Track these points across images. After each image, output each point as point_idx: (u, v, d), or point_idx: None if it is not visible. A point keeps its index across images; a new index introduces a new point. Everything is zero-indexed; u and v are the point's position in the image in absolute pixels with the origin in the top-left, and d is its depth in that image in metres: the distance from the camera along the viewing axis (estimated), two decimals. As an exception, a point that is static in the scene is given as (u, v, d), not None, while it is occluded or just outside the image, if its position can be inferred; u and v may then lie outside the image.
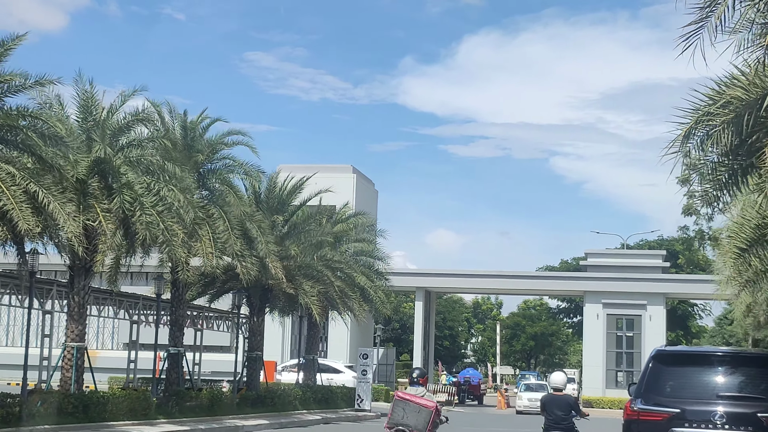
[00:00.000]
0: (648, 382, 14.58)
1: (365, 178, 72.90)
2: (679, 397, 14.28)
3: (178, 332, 34.01)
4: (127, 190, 27.47)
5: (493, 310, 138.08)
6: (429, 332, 72.13)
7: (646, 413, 14.27)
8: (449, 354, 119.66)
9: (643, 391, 14.56)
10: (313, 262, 38.47)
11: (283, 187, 39.31)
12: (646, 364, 15.14)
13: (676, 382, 14.60)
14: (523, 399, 58.28)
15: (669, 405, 14.15)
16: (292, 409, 39.31)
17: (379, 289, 44.49)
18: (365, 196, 69.39)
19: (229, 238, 32.19)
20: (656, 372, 14.67)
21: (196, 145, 33.57)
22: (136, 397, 29.47)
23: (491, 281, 69.46)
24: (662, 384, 14.56)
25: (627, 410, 14.60)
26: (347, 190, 63.67)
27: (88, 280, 28.84)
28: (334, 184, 48.96)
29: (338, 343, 64.31)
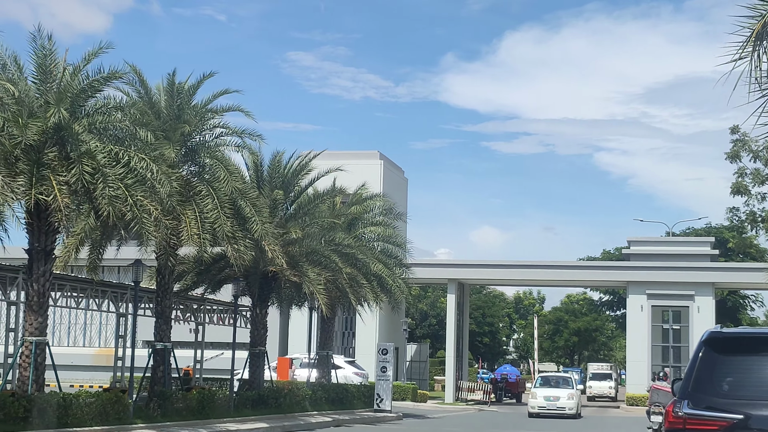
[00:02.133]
0: (698, 378, 10.53)
1: (393, 164, 68.93)
2: (741, 397, 10.23)
3: (165, 325, 30.26)
4: (87, 160, 23.82)
5: (536, 305, 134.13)
6: (463, 327, 67.93)
7: (695, 420, 10.21)
8: (489, 351, 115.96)
9: (691, 390, 10.52)
10: (321, 247, 34.55)
11: (288, 165, 35.44)
12: (694, 353, 11.07)
13: (738, 377, 10.50)
14: (538, 397, 45.47)
15: (728, 409, 10.11)
16: (300, 411, 35.49)
17: (398, 277, 40.44)
18: (393, 183, 65.42)
19: (218, 217, 28.42)
20: (709, 363, 10.61)
21: (183, 114, 29.79)
22: (108, 399, 25.75)
23: (528, 272, 65.01)
24: (718, 380, 10.48)
25: (669, 416, 10.52)
26: (374, 176, 59.57)
27: (49, 266, 25.17)
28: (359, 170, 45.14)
29: (367, 338, 60.29)
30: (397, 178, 68.89)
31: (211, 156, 29.56)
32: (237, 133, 30.35)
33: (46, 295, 25.09)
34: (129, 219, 24.22)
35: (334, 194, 37.45)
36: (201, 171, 29.90)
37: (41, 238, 24.89)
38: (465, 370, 68.46)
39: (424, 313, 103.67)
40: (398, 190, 65.94)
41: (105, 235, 28.11)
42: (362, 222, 40.81)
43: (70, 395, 24.66)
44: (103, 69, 25.16)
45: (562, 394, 45.17)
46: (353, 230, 39.93)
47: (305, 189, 36.05)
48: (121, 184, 24.20)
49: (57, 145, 24.35)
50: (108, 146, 24.56)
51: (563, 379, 48.56)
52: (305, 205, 35.44)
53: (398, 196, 62.48)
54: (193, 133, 29.91)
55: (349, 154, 63.65)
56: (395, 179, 67.52)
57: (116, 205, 23.64)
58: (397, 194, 62.54)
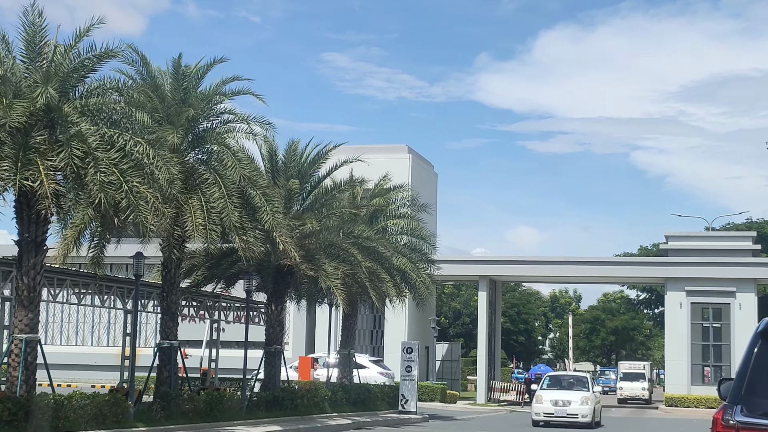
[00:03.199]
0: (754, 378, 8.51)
1: (422, 159, 66.95)
2: None
3: (171, 322, 28.48)
4: (77, 143, 22.02)
5: (572, 303, 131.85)
6: (495, 325, 65.87)
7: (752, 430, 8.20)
8: (525, 350, 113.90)
9: (744, 394, 8.50)
10: (339, 240, 32.61)
11: (304, 153, 33.54)
12: (748, 348, 9.04)
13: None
14: (544, 402, 36.27)
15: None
16: (319, 412, 33.61)
17: (423, 272, 38.44)
18: (422, 177, 63.43)
19: (225, 206, 26.58)
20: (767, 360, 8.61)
21: (188, 99, 28.01)
22: (105, 401, 23.96)
23: (563, 268, 62.81)
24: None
25: (718, 424, 8.49)
26: (402, 170, 57.62)
27: (40, 258, 23.42)
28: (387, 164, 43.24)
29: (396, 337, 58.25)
30: (426, 173, 66.92)
31: (218, 142, 27.72)
32: (244, 119, 28.46)
33: (37, 289, 23.35)
34: (124, 207, 22.41)
35: (354, 184, 35.45)
36: (208, 158, 28.11)
37: (31, 228, 23.17)
38: (498, 370, 66.40)
39: (457, 312, 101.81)
40: (427, 185, 64.00)
41: (105, 227, 26.27)
42: (385, 214, 38.88)
43: (62, 397, 22.87)
44: (95, 47, 23.33)
45: (574, 398, 36.14)
46: (375, 223, 38.03)
47: (323, 179, 34.16)
48: (115, 169, 22.42)
49: (47, 129, 22.64)
50: (101, 129, 22.78)
51: (577, 379, 39.02)
52: (323, 196, 33.54)
53: (427, 190, 60.56)
54: (198, 118, 28.13)
55: (376, 148, 61.79)
56: (424, 174, 65.57)
57: (109, 191, 21.85)
58: (427, 189, 60.62)
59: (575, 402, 36.01)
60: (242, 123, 28.76)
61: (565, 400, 36.08)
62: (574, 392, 36.79)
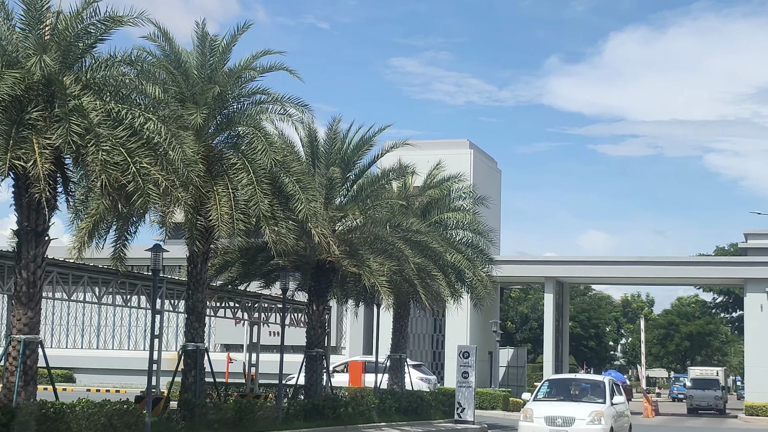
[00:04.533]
0: None
1: (485, 154, 63.91)
2: None
3: (197, 323, 25.89)
4: (77, 118, 19.44)
5: (644, 308, 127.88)
6: (562, 329, 62.64)
7: None
8: (596, 356, 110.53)
9: None
10: (384, 233, 29.75)
11: (347, 138, 30.77)
12: None
13: None
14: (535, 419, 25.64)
15: None
16: (365, 422, 30.84)
17: (480, 270, 35.43)
18: (485, 174, 60.44)
19: (254, 194, 23.93)
20: None
21: (215, 76, 25.42)
22: (116, 411, 21.38)
23: (634, 269, 59.21)
24: None
25: None
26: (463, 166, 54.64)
27: (41, 249, 20.88)
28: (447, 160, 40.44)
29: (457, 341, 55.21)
30: (489, 170, 63.91)
31: (248, 124, 25.07)
32: (278, 99, 25.75)
33: (37, 285, 20.81)
34: (131, 191, 19.84)
35: (405, 173, 32.49)
36: (237, 142, 25.51)
37: (30, 216, 20.66)
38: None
39: (525, 317, 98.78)
40: (490, 182, 61.02)
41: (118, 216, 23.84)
42: (439, 207, 35.90)
43: (63, 405, 20.32)
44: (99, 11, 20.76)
45: (581, 414, 25.18)
46: (429, 217, 35.11)
47: (368, 167, 31.37)
48: (122, 149, 19.85)
49: (47, 104, 20.15)
50: (109, 104, 20.24)
51: (591, 385, 27.61)
52: (369, 186, 30.75)
53: (490, 188, 57.60)
54: (226, 98, 25.54)
55: (435, 144, 59.08)
56: (487, 170, 62.57)
57: (112, 172, 19.26)
58: (489, 186, 57.66)
59: (582, 419, 25.02)
60: (276, 104, 26.06)
61: (567, 417, 25.13)
62: (583, 405, 25.60)
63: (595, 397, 26.23)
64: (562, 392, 26.83)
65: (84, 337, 66.04)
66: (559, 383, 28.19)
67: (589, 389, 27.05)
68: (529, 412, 25.58)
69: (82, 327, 66.42)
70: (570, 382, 27.99)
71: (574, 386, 27.41)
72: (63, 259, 25.29)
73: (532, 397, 26.75)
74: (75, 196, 22.55)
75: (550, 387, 27.49)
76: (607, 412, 25.31)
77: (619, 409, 26.56)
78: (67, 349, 65.37)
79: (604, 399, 25.97)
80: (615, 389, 26.78)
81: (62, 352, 64.62)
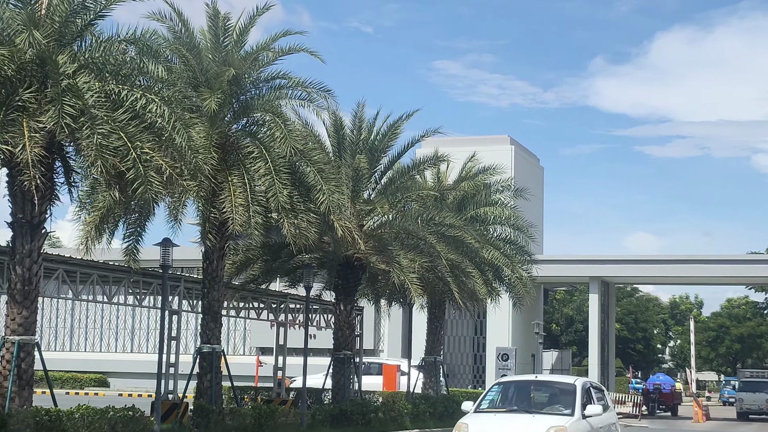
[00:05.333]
0: None
1: (526, 151, 61.95)
2: None
3: (212, 323, 24.22)
4: (70, 99, 17.80)
5: (693, 310, 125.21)
6: (608, 331, 60.47)
7: None
8: (643, 359, 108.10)
9: None
10: (415, 227, 27.90)
11: (374, 126, 28.95)
12: None
13: None
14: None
15: None
16: (397, 428, 28.99)
17: (519, 267, 33.48)
18: (526, 171, 58.46)
19: (272, 184, 22.22)
20: None
21: (230, 58, 23.75)
22: (120, 418, 19.74)
23: (682, 268, 56.92)
24: None
25: None
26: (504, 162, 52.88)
27: (36, 243, 19.28)
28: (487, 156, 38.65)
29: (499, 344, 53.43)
30: (531, 166, 61.93)
31: (265, 109, 23.36)
32: (299, 83, 24.02)
33: (33, 282, 19.23)
34: (132, 179, 18.18)
35: (438, 161, 30.60)
36: (254, 129, 23.82)
37: (25, 207, 19.09)
38: (612, 379, 60.94)
39: (570, 319, 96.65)
40: (532, 180, 58.95)
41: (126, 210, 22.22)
42: (475, 201, 33.93)
43: (60, 412, 18.70)
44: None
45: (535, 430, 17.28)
46: (464, 211, 33.16)
47: (398, 156, 29.54)
48: (122, 133, 18.20)
49: (41, 85, 18.56)
50: (108, 85, 18.61)
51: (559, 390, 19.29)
52: (398, 177, 28.94)
53: (533, 185, 55.48)
54: (243, 83, 23.84)
55: (474, 140, 57.19)
56: (528, 167, 60.60)
57: (108, 157, 17.62)
58: (531, 183, 55.52)
59: None
60: (297, 89, 24.33)
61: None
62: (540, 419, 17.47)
63: (561, 407, 18.11)
64: (518, 400, 18.68)
65: (118, 340, 64.80)
66: (515, 387, 19.46)
67: (556, 396, 18.92)
68: (463, 428, 17.51)
69: (116, 330, 65.19)
70: (529, 386, 19.52)
71: (535, 391, 19.30)
72: (69, 256, 23.71)
73: (473, 406, 18.42)
74: (78, 186, 20.97)
75: (501, 392, 19.24)
76: (574, 429, 17.42)
77: (595, 424, 18.26)
78: (101, 353, 64.22)
79: (572, 410, 17.82)
80: (591, 396, 18.78)
81: (96, 356, 63.52)
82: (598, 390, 19.70)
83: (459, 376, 58.25)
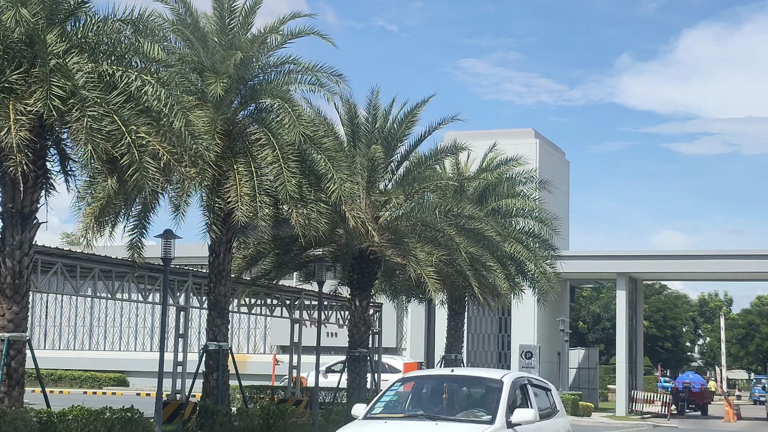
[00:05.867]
0: None
1: (551, 145, 60.59)
2: None
3: (219, 319, 23.12)
4: (59, 79, 16.70)
5: (722, 307, 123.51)
6: (636, 329, 58.94)
7: None
8: (672, 357, 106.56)
9: None
10: (433, 219, 26.67)
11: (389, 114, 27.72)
12: None
13: None
14: None
15: None
16: (414, 429, 27.70)
17: (543, 262, 32.19)
18: (551, 165, 57.06)
19: (280, 172, 21.08)
20: None
21: (236, 41, 22.64)
22: (118, 419, 18.65)
23: (712, 263, 55.26)
24: None
25: None
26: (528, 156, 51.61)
27: (28, 234, 18.22)
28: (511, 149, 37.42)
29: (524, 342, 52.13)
30: (557, 160, 60.53)
31: (273, 94, 22.22)
32: (309, 68, 22.88)
33: (24, 275, 18.18)
34: (126, 165, 17.09)
35: (457, 150, 29.35)
36: (263, 116, 22.68)
37: (15, 196, 18.02)
38: (640, 378, 59.40)
39: (597, 316, 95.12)
40: (558, 174, 57.58)
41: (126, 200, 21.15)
42: (497, 193, 32.64)
43: (52, 413, 17.63)
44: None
45: None
46: (485, 204, 31.91)
47: (415, 146, 28.27)
48: (115, 116, 17.11)
49: (31, 66, 17.49)
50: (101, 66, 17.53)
51: (484, 390, 14.08)
52: (415, 167, 27.73)
53: (558, 179, 54.22)
54: (250, 67, 22.74)
55: (498, 133, 55.75)
56: (554, 161, 59.21)
57: (98, 141, 16.50)
58: (557, 177, 54.23)
59: None
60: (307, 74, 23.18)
61: None
62: (447, 427, 12.70)
63: (480, 411, 13.32)
64: (427, 401, 13.93)
65: (138, 339, 63.95)
66: (426, 385, 14.44)
67: (477, 396, 14.16)
68: None
69: (135, 329, 64.33)
70: (442, 384, 14.38)
71: (451, 390, 14.26)
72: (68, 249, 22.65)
73: (364, 410, 13.66)
74: (76, 176, 19.90)
75: (405, 392, 14.35)
76: None
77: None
78: (120, 351, 63.42)
79: (494, 415, 12.94)
80: (528, 397, 14.08)
81: (115, 354, 62.72)
82: (541, 388, 15.11)
83: (483, 375, 56.88)
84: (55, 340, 65.83)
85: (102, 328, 64.58)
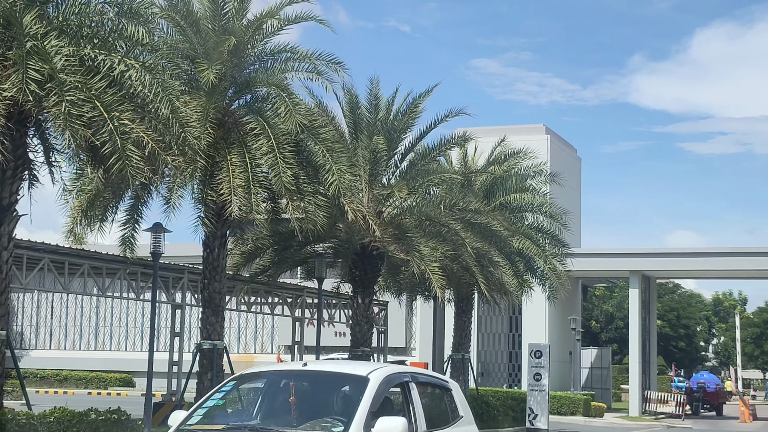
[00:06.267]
0: None
1: (562, 141, 59.59)
2: None
3: (213, 317, 22.20)
4: (35, 62, 15.77)
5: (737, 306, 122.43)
6: (649, 328, 57.91)
7: None
8: (686, 356, 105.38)
9: None
10: (437, 213, 25.68)
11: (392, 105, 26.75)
12: None
13: None
14: None
15: None
16: (420, 431, 26.74)
17: (552, 258, 31.18)
18: (562, 161, 55.97)
19: (275, 163, 20.15)
20: None
21: (230, 26, 21.72)
22: (103, 421, 17.75)
23: (726, 261, 54.22)
24: None
25: None
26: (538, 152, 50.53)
27: (7, 227, 17.30)
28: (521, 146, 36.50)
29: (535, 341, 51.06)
30: (568, 157, 59.50)
31: (269, 82, 21.29)
32: (307, 56, 21.94)
33: (3, 271, 17.26)
34: (108, 153, 16.15)
35: (463, 141, 28.35)
36: (258, 105, 21.75)
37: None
38: (653, 378, 58.42)
39: (610, 316, 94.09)
40: (569, 170, 56.47)
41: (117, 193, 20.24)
42: (505, 188, 31.64)
43: (32, 415, 16.72)
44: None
45: None
46: (493, 198, 30.94)
47: (420, 138, 27.28)
48: (97, 102, 16.17)
49: (7, 49, 16.58)
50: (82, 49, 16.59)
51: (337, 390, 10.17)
52: (419, 159, 26.75)
53: (570, 176, 53.19)
54: (246, 54, 21.82)
55: (507, 129, 54.55)
56: (565, 157, 58.16)
57: (77, 127, 15.55)
58: (568, 174, 53.20)
59: None
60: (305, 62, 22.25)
61: None
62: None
63: (332, 421, 9.62)
64: (263, 406, 10.34)
65: (144, 339, 63.10)
66: (265, 384, 10.81)
67: (333, 398, 10.19)
68: None
69: (141, 329, 63.50)
70: (288, 383, 10.46)
71: (298, 392, 10.31)
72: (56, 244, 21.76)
73: (182, 419, 9.75)
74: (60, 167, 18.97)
75: (235, 394, 11.06)
76: None
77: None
78: (126, 352, 62.62)
79: (346, 426, 9.30)
80: (410, 399, 10.29)
81: (121, 355, 61.96)
82: (436, 387, 11.31)
83: (494, 375, 56.01)
84: (61, 340, 65.11)
85: (108, 328, 63.80)
